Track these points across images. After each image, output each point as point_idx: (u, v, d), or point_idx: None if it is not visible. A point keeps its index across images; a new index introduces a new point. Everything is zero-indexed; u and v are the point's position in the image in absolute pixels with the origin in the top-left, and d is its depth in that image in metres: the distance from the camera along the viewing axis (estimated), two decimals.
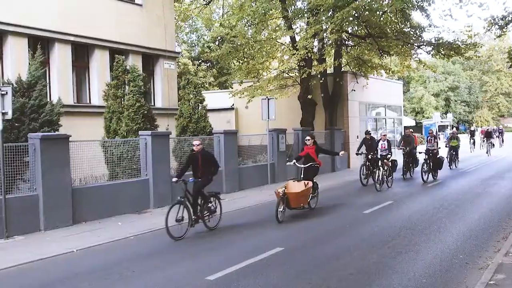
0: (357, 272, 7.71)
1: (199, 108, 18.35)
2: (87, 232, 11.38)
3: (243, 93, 24.22)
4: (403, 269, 7.78)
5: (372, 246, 9.35)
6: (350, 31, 24.75)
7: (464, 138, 36.00)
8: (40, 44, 15.52)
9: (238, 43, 25.13)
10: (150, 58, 21.61)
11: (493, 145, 34.67)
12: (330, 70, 26.87)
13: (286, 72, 25.83)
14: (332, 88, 25.53)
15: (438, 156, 19.73)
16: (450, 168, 23.75)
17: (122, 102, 16.00)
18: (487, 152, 32.64)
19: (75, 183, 12.87)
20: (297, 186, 12.49)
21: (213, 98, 28.10)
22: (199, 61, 45.28)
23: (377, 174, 17.09)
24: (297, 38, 23.76)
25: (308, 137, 13.77)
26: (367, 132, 19.04)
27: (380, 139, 18.56)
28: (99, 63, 19.15)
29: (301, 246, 9.60)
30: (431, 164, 19.28)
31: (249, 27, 25.57)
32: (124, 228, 11.70)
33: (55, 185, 11.75)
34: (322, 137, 23.55)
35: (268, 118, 19.49)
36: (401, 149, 20.41)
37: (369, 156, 17.68)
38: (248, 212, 13.65)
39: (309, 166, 13.19)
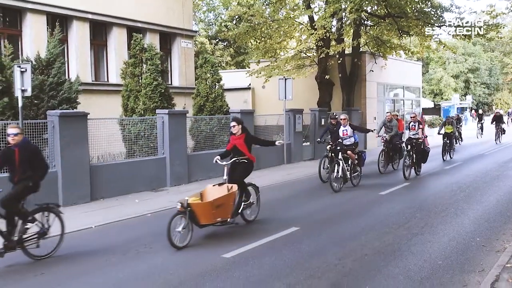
0: (372, 253, 7.71)
1: (216, 87, 18.32)
2: (104, 208, 11.53)
3: (260, 73, 24.12)
4: (419, 250, 7.77)
5: (388, 227, 9.33)
6: (369, 11, 24.39)
7: (472, 123, 33.95)
8: (59, 22, 15.60)
9: (256, 22, 24.91)
10: (167, 37, 21.59)
11: (504, 131, 30.06)
12: (348, 51, 26.56)
13: (304, 52, 25.63)
14: (350, 69, 25.29)
15: (423, 147, 16.16)
16: (444, 160, 20.16)
17: (140, 81, 16.06)
18: (496, 139, 28.70)
19: (93, 160, 13.02)
20: (216, 192, 9.02)
21: (230, 78, 28.01)
22: (216, 40, 45.15)
23: (335, 170, 13.30)
24: (315, 17, 23.50)
25: (233, 123, 9.75)
26: (333, 116, 15.44)
27: (341, 124, 14.24)
28: (117, 41, 19.20)
29: (317, 226, 9.61)
30: (414, 156, 15.60)
31: (267, 6, 25.35)
32: (141, 206, 11.82)
33: (73, 162, 11.89)
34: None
35: (285, 98, 19.42)
36: (380, 136, 17.55)
37: (328, 147, 14.17)
38: (264, 192, 13.68)
39: (234, 162, 9.57)
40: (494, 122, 29.53)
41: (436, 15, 24.27)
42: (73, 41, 17.76)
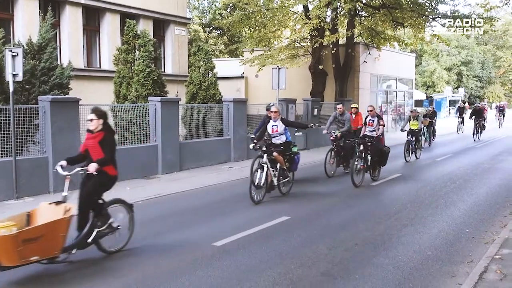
0: (362, 243, 7.74)
1: (209, 75, 18.25)
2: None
3: (253, 62, 24.09)
4: (409, 241, 7.81)
5: (378, 217, 9.38)
6: (364, 1, 24.37)
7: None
8: (51, 6, 15.40)
9: (250, 11, 24.84)
10: (161, 23, 21.44)
11: (484, 126, 27.06)
12: (342, 41, 26.56)
13: (298, 41, 25.58)
14: (343, 59, 25.31)
15: (380, 148, 13.41)
16: (406, 161, 17.16)
17: (132, 67, 15.96)
18: (474, 136, 25.80)
19: None
20: (48, 215, 6.46)
21: (223, 66, 27.95)
22: (210, 28, 44.94)
23: (257, 177, 10.50)
24: (310, 7, 23.45)
25: (92, 116, 7.14)
26: (269, 107, 12.58)
27: (271, 119, 11.33)
28: (109, 27, 19.04)
29: (307, 216, 9.64)
30: (369, 158, 12.99)
31: None
32: (132, 193, 11.78)
33: (64, 147, 11.78)
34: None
35: (278, 88, 19.37)
36: (328, 133, 14.59)
37: (257, 146, 11.10)
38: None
39: (88, 174, 6.96)
40: (473, 117, 26.61)
41: (430, 7, 24.30)
42: (65, 26, 17.59)
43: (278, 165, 10.92)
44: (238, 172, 15.13)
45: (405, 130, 17.90)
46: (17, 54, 10.83)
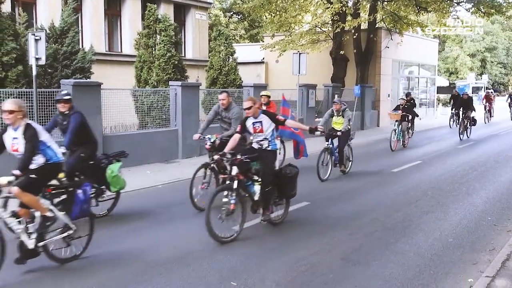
0: (382, 229, 7.70)
1: (230, 60, 18.23)
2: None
3: (274, 47, 23.93)
4: (429, 228, 7.75)
5: (398, 204, 9.31)
6: None
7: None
8: None
9: None
10: (181, 8, 21.42)
11: (474, 120, 20.82)
12: (364, 26, 26.22)
13: (319, 26, 25.34)
14: (365, 45, 24.99)
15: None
16: (321, 180, 11.49)
17: (153, 52, 16.02)
18: (460, 134, 19.62)
19: (105, 130, 13.06)
20: None
21: (244, 51, 27.84)
22: (231, 13, 44.77)
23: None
24: None
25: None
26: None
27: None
28: (131, 11, 19.09)
29: (327, 201, 9.62)
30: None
31: None
32: (153, 177, 11.89)
33: None
34: (352, 94, 23.26)
35: (299, 73, 19.26)
36: (202, 138, 9.17)
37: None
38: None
39: None
40: (455, 108, 22.36)
41: None
42: (87, 11, 17.69)
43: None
44: None
45: (322, 132, 8.69)
46: (40, 38, 10.94)
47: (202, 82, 17.49)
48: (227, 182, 7.15)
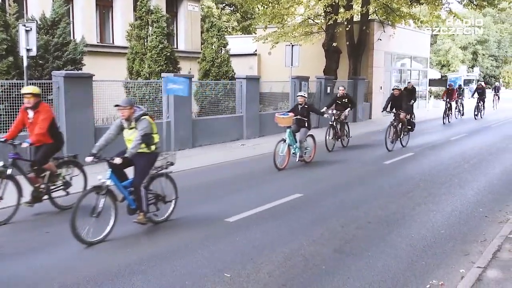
0: (375, 221, 7.73)
1: (222, 52, 18.16)
2: (105, 171, 11.44)
3: (266, 39, 23.85)
4: (422, 219, 7.79)
5: (391, 196, 9.35)
6: None
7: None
8: None
9: None
10: None
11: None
12: (356, 18, 26.17)
13: (312, 18, 25.27)
14: (357, 37, 24.96)
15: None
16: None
17: (145, 43, 15.93)
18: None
19: (97, 122, 12.99)
20: None
21: (236, 43, 27.69)
22: (223, 5, 44.56)
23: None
24: None
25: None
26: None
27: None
28: (122, 2, 18.95)
29: (320, 193, 9.64)
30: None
31: None
32: None
33: (78, 123, 11.87)
34: (345, 86, 23.25)
35: (292, 65, 19.23)
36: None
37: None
38: (268, 158, 13.70)
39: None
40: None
41: None
42: (78, 1, 17.54)
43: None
44: (250, 149, 15.17)
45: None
46: (31, 29, 10.83)
47: (195, 74, 17.41)
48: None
